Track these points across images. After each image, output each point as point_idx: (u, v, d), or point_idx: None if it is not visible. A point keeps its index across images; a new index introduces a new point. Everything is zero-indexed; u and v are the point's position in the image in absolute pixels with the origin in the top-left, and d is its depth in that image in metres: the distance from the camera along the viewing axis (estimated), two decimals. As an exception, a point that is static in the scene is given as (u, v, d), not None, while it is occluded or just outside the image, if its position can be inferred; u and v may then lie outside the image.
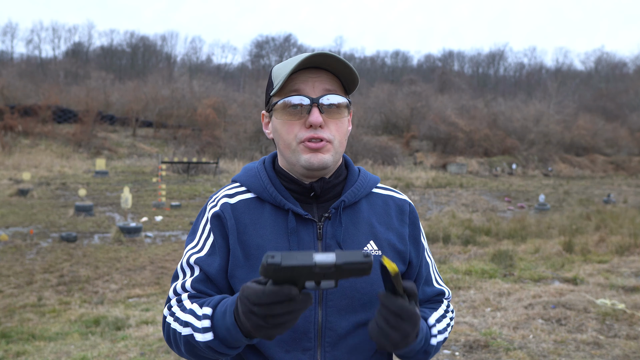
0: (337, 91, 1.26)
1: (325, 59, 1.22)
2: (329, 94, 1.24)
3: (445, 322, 1.36)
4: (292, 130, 1.25)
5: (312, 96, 1.23)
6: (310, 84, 1.24)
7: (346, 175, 1.37)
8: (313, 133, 1.23)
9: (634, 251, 9.21)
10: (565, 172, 40.75)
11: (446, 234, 11.65)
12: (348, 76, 1.27)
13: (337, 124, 1.26)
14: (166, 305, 1.30)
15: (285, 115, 1.25)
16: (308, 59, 1.21)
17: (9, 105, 38.45)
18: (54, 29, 79.84)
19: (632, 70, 75.67)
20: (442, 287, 1.44)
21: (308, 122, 1.22)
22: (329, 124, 1.25)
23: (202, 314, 1.16)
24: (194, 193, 21.52)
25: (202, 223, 1.34)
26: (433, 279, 1.43)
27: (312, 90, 1.24)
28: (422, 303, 1.41)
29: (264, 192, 1.31)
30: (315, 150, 1.24)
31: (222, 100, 44.27)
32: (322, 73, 1.25)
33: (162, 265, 9.53)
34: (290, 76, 1.24)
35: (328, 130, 1.25)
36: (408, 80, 59.49)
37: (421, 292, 1.40)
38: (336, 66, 1.24)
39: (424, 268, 1.40)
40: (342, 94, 1.28)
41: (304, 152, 1.24)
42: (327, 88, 1.25)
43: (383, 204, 1.37)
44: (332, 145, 1.25)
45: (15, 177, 23.59)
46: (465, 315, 5.38)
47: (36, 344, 5.35)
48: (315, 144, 1.23)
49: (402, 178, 28.85)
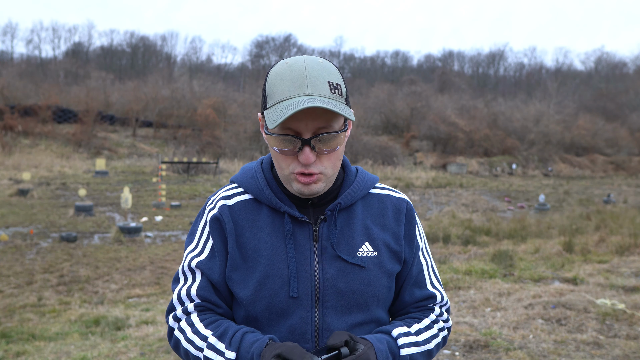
0: (332, 124, 1.20)
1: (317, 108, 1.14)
2: (321, 132, 1.19)
3: (429, 333, 1.31)
4: (285, 161, 1.24)
5: (304, 136, 1.19)
6: (303, 122, 1.18)
7: (343, 177, 1.36)
8: (304, 168, 1.21)
9: (634, 251, 9.21)
10: (565, 172, 40.75)
11: (446, 234, 11.64)
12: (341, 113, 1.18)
13: (331, 159, 1.24)
14: (171, 313, 1.32)
15: (279, 145, 1.22)
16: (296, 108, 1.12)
17: (9, 105, 38.46)
18: (54, 29, 79.88)
19: (632, 70, 75.66)
20: (434, 291, 1.39)
21: (300, 160, 1.21)
22: (322, 158, 1.23)
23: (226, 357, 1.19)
24: (194, 193, 21.52)
25: (200, 225, 1.35)
26: (427, 281, 1.39)
27: (306, 128, 1.18)
28: (409, 306, 1.37)
29: (261, 194, 1.31)
30: (307, 183, 1.23)
31: (222, 100, 44.27)
32: (316, 109, 1.17)
33: (162, 265, 9.53)
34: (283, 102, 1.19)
35: (320, 163, 1.22)
36: (408, 80, 59.48)
37: (409, 293, 1.37)
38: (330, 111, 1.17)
39: (415, 268, 1.37)
40: (337, 121, 1.22)
41: (296, 182, 1.24)
42: (320, 126, 1.19)
43: (379, 204, 1.37)
44: (324, 175, 1.24)
45: (15, 177, 23.59)
46: (465, 315, 5.38)
47: (36, 344, 5.35)
48: (307, 178, 1.22)
49: (402, 178, 28.85)
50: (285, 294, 1.24)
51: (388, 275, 1.31)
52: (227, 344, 1.19)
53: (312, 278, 1.25)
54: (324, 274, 1.26)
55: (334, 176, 1.28)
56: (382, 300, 1.31)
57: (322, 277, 1.25)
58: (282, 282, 1.24)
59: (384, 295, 1.31)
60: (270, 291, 1.24)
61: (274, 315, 1.25)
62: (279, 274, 1.24)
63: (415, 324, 1.32)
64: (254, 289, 1.25)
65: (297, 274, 1.24)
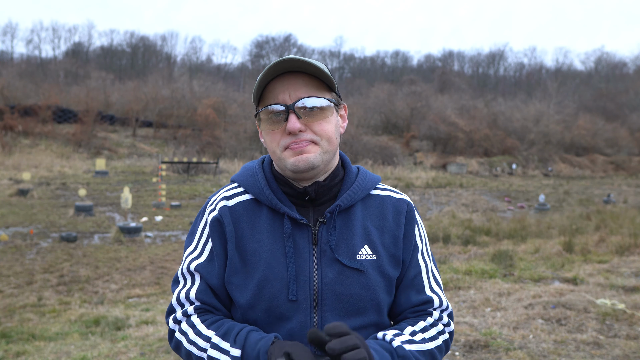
0: (316, 92, 1.24)
1: (294, 63, 1.20)
2: (304, 97, 1.22)
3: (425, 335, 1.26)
4: (275, 139, 1.25)
5: (287, 103, 1.22)
6: (286, 90, 1.22)
7: (343, 176, 1.35)
8: (293, 139, 1.22)
9: (634, 251, 9.20)
10: (565, 172, 40.76)
11: (446, 234, 11.64)
12: (322, 75, 1.24)
13: (321, 125, 1.24)
14: (171, 315, 1.31)
15: (267, 125, 1.26)
16: (277, 65, 1.20)
17: (9, 105, 38.48)
18: (54, 29, 79.90)
19: (632, 70, 75.71)
20: (432, 295, 1.33)
21: (286, 130, 1.22)
22: (312, 126, 1.23)
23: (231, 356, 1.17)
24: (194, 193, 21.52)
25: (200, 226, 1.34)
26: (425, 285, 1.34)
27: (289, 97, 1.22)
28: (406, 310, 1.33)
29: (261, 194, 1.30)
30: (300, 152, 1.22)
31: (222, 100, 44.28)
32: (299, 77, 1.23)
33: (162, 265, 9.53)
34: (269, 85, 1.24)
35: (310, 133, 1.23)
36: (408, 80, 59.52)
37: (405, 297, 1.32)
38: (308, 68, 1.22)
39: (413, 270, 1.33)
40: (323, 93, 1.25)
41: (289, 157, 1.23)
42: (303, 92, 1.22)
43: (379, 205, 1.35)
44: (317, 145, 1.24)
45: (15, 177, 23.59)
46: (465, 315, 5.38)
47: (36, 344, 5.35)
48: (298, 145, 1.22)
49: (402, 178, 28.85)
50: (284, 297, 1.23)
51: (388, 279, 1.29)
52: (231, 342, 1.18)
53: (310, 281, 1.24)
54: (323, 277, 1.24)
55: (329, 154, 1.27)
56: (382, 305, 1.29)
57: (321, 280, 1.24)
58: (281, 285, 1.23)
59: (383, 300, 1.29)
60: (269, 294, 1.23)
61: (273, 318, 1.24)
62: (278, 277, 1.23)
63: (408, 326, 1.28)
64: (253, 293, 1.24)
65: (296, 277, 1.23)
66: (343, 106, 1.33)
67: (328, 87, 1.27)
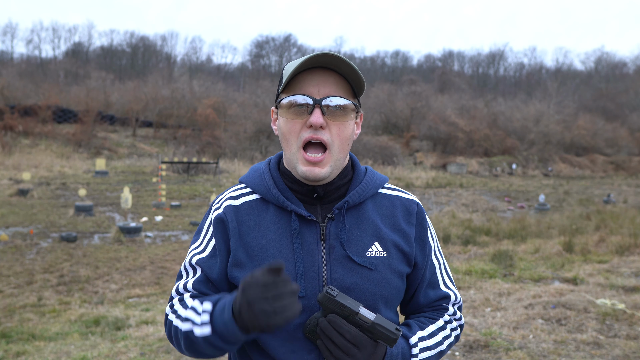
0: (343, 93, 1.25)
1: (332, 60, 1.21)
2: (333, 95, 1.23)
3: (442, 335, 1.33)
4: (294, 129, 1.25)
5: (316, 97, 1.23)
6: (316, 84, 1.23)
7: (352, 175, 1.36)
8: (313, 133, 1.22)
9: (634, 251, 9.20)
10: (565, 172, 40.75)
11: (446, 234, 11.64)
12: (355, 79, 1.25)
13: (340, 127, 1.25)
14: (168, 303, 1.33)
15: (289, 114, 1.25)
16: (314, 58, 1.21)
17: (9, 105, 38.47)
18: (54, 29, 79.89)
19: (632, 70, 75.67)
20: (448, 291, 1.40)
21: (309, 122, 1.22)
22: (331, 127, 1.24)
23: (202, 310, 1.19)
24: (194, 193, 21.52)
25: (206, 224, 1.36)
26: (440, 281, 1.40)
27: (317, 91, 1.23)
28: (424, 307, 1.39)
29: (268, 193, 1.31)
30: (313, 164, 1.23)
31: (222, 100, 44.28)
32: (330, 74, 1.24)
33: (162, 265, 9.53)
34: (299, 75, 1.25)
35: (329, 132, 1.24)
36: (408, 80, 59.52)
37: (424, 295, 1.38)
38: (343, 68, 1.23)
39: (429, 270, 1.38)
40: (349, 96, 1.27)
41: (302, 164, 1.24)
42: (332, 90, 1.24)
43: (389, 205, 1.36)
44: (330, 154, 1.24)
45: (15, 177, 23.59)
46: (465, 315, 5.38)
47: (36, 344, 5.35)
48: (313, 157, 1.23)
49: (402, 178, 28.85)
50: None
51: (398, 275, 1.30)
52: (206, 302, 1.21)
53: (319, 277, 1.24)
54: (332, 273, 1.25)
55: (340, 161, 1.28)
56: (391, 301, 1.30)
57: (330, 276, 1.25)
58: None
59: (392, 296, 1.30)
60: None
61: None
62: (286, 273, 1.23)
63: (429, 325, 1.33)
64: None
65: (304, 274, 1.24)
66: (360, 114, 1.35)
67: (353, 92, 1.29)
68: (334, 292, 1.13)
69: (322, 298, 1.14)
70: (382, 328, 1.13)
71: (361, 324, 1.14)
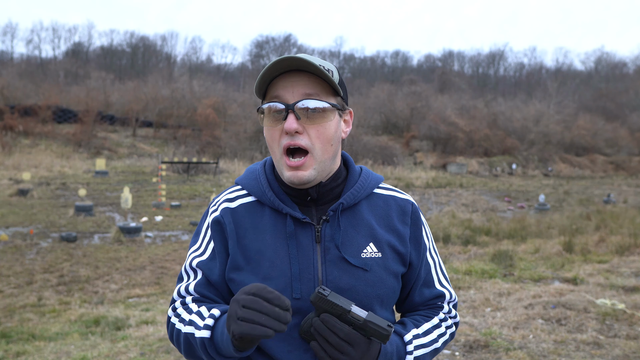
0: (319, 95, 1.21)
1: (298, 63, 1.18)
2: (307, 98, 1.20)
3: (437, 332, 1.33)
4: (275, 136, 1.23)
5: (289, 102, 1.20)
6: (290, 89, 1.20)
7: (346, 176, 1.35)
8: (290, 140, 1.20)
9: (634, 251, 9.20)
10: (565, 172, 40.76)
11: (446, 234, 11.64)
12: (327, 78, 1.21)
13: (318, 129, 1.21)
14: (170, 306, 1.34)
15: (267, 122, 1.24)
16: (278, 63, 1.18)
17: (9, 105, 38.47)
18: (54, 29, 79.90)
19: (632, 70, 75.65)
20: (443, 290, 1.40)
21: (284, 129, 1.20)
22: (309, 130, 1.21)
23: (208, 315, 1.21)
24: (194, 193, 21.52)
25: (204, 227, 1.36)
26: (435, 280, 1.40)
27: (292, 96, 1.20)
28: (419, 306, 1.39)
29: (263, 196, 1.30)
30: (295, 169, 1.22)
31: (222, 100, 44.29)
32: (304, 76, 1.21)
33: (162, 265, 9.53)
34: (274, 81, 1.23)
35: (307, 136, 1.21)
36: (408, 80, 59.52)
37: (419, 294, 1.38)
38: (311, 69, 1.19)
39: (424, 269, 1.37)
40: (328, 96, 1.23)
41: (286, 169, 1.23)
42: (307, 92, 1.20)
43: (384, 205, 1.35)
44: (312, 157, 1.22)
45: (15, 177, 23.59)
46: (465, 315, 5.38)
47: (36, 344, 5.35)
48: (294, 162, 1.21)
49: (402, 178, 28.86)
50: (288, 295, 1.23)
51: (393, 276, 1.30)
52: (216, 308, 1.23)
53: (315, 279, 1.24)
54: (327, 275, 1.25)
55: (325, 163, 1.25)
56: (386, 301, 1.31)
57: (325, 278, 1.25)
58: (285, 283, 1.23)
59: (387, 296, 1.30)
60: None
61: None
62: (282, 275, 1.24)
63: (424, 323, 1.34)
64: None
65: (299, 275, 1.24)
66: (348, 111, 1.32)
67: (334, 90, 1.25)
68: (325, 292, 1.14)
69: (315, 298, 1.15)
70: (374, 325, 1.13)
71: (354, 322, 1.14)
